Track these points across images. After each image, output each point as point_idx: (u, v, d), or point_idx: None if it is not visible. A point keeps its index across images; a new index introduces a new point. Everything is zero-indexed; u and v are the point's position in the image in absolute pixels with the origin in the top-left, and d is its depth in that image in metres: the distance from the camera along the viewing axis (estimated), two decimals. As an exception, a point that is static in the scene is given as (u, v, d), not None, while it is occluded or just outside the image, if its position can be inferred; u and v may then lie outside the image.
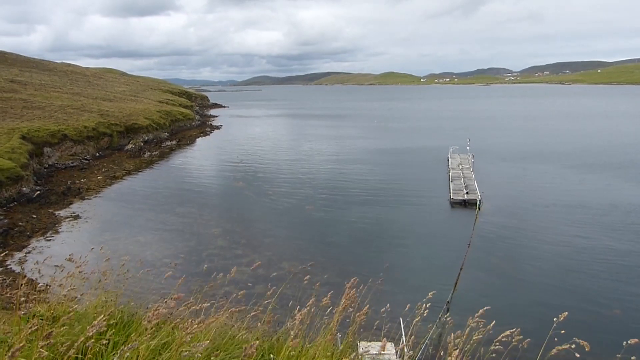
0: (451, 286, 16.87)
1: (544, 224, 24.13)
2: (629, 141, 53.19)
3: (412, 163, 41.59)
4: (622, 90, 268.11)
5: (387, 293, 15.73)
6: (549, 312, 15.94)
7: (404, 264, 19.44)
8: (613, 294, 16.39)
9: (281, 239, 22.55)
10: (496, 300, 15.99)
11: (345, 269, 18.01)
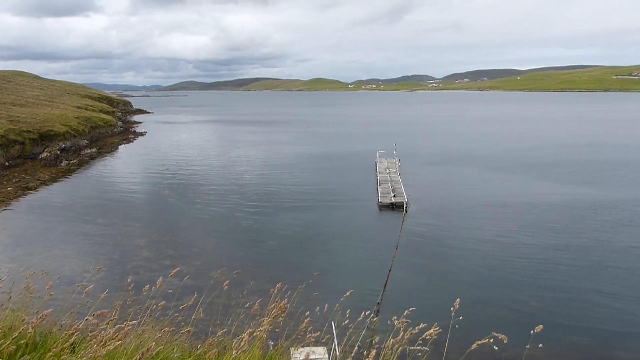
0: (381, 288, 17.20)
1: (468, 224, 25.24)
2: (543, 144, 57.04)
3: (342, 168, 42.18)
4: (533, 96, 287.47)
5: (319, 297, 15.71)
6: (474, 308, 16.71)
7: (335, 268, 19.59)
8: (530, 287, 17.38)
9: (210, 247, 22.05)
10: (424, 299, 16.47)
11: (276, 275, 17.87)
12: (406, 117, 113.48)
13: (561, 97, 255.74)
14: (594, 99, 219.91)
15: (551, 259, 19.95)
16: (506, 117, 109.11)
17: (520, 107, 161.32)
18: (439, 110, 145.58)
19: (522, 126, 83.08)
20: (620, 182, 34.88)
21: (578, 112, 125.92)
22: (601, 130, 74.82)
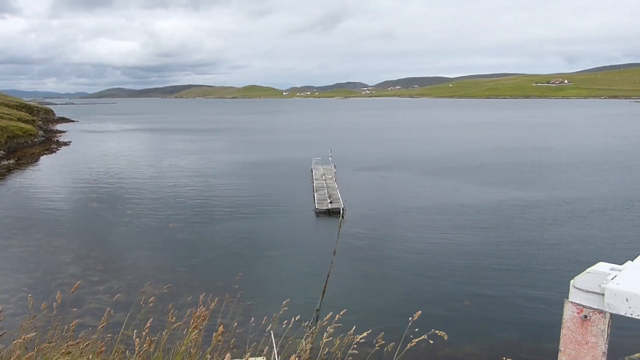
0: (320, 294, 17.17)
1: (403, 227, 25.80)
2: (472, 148, 59.56)
3: (278, 175, 41.98)
4: (462, 102, 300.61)
5: (257, 306, 15.48)
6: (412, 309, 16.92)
7: (273, 276, 19.39)
8: (464, 286, 17.97)
9: (142, 260, 21.14)
10: (363, 303, 16.57)
11: (212, 286, 17.38)
12: (341, 123, 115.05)
13: (487, 104, 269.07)
14: (517, 105, 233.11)
15: (483, 258, 20.74)
16: (437, 123, 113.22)
17: (450, 113, 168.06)
18: (373, 116, 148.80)
19: (452, 132, 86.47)
20: (543, 183, 36.98)
21: (503, 117, 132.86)
22: (524, 134, 79.29)
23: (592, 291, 1.57)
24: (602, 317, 1.54)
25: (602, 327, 1.55)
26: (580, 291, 1.62)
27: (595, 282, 1.57)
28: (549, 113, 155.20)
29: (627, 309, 1.44)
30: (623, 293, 1.45)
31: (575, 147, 59.45)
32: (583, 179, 38.12)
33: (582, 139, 70.32)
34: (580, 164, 45.91)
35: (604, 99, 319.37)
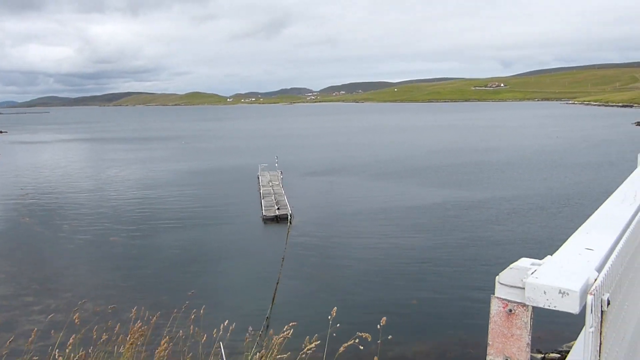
0: (269, 302, 17.05)
1: (351, 231, 26.06)
2: (417, 151, 61.11)
3: (224, 183, 41.42)
4: (405, 106, 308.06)
5: (205, 318, 15.16)
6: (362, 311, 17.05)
7: (222, 286, 19.09)
8: (412, 286, 18.34)
9: (82, 277, 20.25)
10: (313, 309, 16.56)
11: (158, 300, 16.91)
12: (287, 129, 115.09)
13: (429, 107, 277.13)
14: (457, 108, 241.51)
15: (430, 258, 21.25)
16: (382, 127, 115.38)
17: (394, 117, 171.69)
18: (319, 122, 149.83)
19: (397, 135, 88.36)
20: (485, 183, 38.39)
21: (445, 120, 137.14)
22: (466, 136, 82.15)
23: (515, 286, 1.63)
24: (525, 310, 1.60)
25: (526, 320, 1.61)
26: (505, 286, 1.67)
27: (517, 277, 1.63)
28: (487, 115, 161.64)
29: (545, 301, 1.50)
30: (541, 286, 1.50)
31: (513, 147, 62.14)
32: (522, 178, 39.86)
33: (519, 139, 73.62)
34: (519, 163, 48.03)
35: (537, 101, 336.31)
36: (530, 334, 1.62)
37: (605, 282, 1.62)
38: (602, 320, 1.60)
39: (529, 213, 28.26)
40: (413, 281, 18.81)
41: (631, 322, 2.32)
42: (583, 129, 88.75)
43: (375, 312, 17.32)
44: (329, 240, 24.63)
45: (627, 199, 2.64)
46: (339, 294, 17.92)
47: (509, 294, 1.62)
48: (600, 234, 2.01)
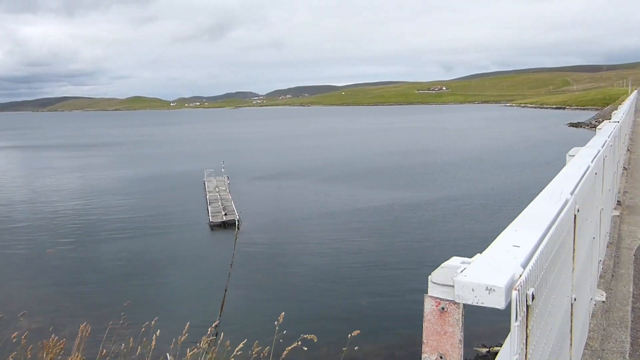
0: (218, 310, 16.76)
1: (301, 235, 26.06)
2: (364, 153, 61.88)
3: (169, 189, 40.39)
4: (351, 110, 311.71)
5: (152, 329, 14.76)
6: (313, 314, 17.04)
7: (168, 295, 18.62)
8: (362, 287, 18.54)
9: (16, 292, 19.16)
10: (263, 314, 16.42)
11: (99, 313, 16.25)
12: (233, 134, 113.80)
13: (375, 110, 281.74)
14: (402, 111, 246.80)
15: (377, 260, 21.54)
16: (329, 130, 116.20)
17: (341, 120, 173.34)
18: (266, 126, 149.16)
19: (344, 138, 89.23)
20: (430, 183, 39.38)
21: (391, 123, 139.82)
22: (411, 138, 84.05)
23: (446, 284, 1.67)
24: (456, 308, 1.64)
25: (457, 317, 1.65)
26: (437, 285, 1.71)
27: (448, 276, 1.67)
28: (431, 118, 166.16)
29: (473, 298, 1.54)
30: (469, 284, 1.54)
31: (456, 149, 64.15)
32: (465, 179, 41.16)
33: (462, 141, 76.09)
34: (462, 164, 49.61)
35: (477, 103, 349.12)
36: (463, 331, 1.67)
37: (530, 278, 1.70)
38: (527, 314, 1.67)
39: (470, 212, 29.22)
40: (360, 284, 19.01)
41: (558, 315, 2.43)
42: (521, 130, 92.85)
43: (324, 316, 17.50)
44: (277, 245, 24.53)
45: (554, 196, 2.78)
46: (288, 298, 17.88)
47: (441, 292, 1.67)
48: (527, 231, 2.10)
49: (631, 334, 5.02)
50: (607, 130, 7.28)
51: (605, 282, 6.23)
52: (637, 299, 5.98)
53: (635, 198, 11.45)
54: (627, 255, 7.52)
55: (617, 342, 4.81)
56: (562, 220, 2.41)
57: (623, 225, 9.16)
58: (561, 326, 2.55)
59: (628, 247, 7.95)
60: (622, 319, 5.32)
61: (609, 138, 6.39)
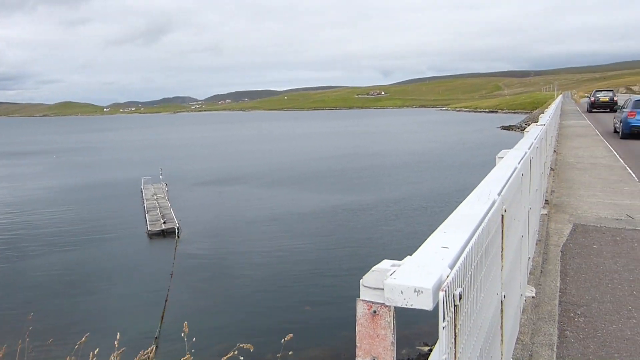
0: (158, 321, 16.29)
1: (244, 241, 25.71)
2: (307, 157, 61.99)
3: (103, 199, 38.79)
4: (292, 114, 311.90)
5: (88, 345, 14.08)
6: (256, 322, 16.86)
7: (106, 309, 17.87)
8: (303, 292, 18.53)
9: None
10: (205, 324, 16.09)
11: (33, 330, 15.33)
12: (172, 139, 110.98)
13: (316, 115, 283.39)
14: (342, 115, 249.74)
15: (317, 265, 21.60)
16: (272, 135, 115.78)
17: (283, 125, 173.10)
18: (206, 131, 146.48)
19: (287, 143, 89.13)
20: (372, 186, 39.98)
21: (332, 127, 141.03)
22: (352, 142, 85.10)
23: (377, 288, 1.67)
24: (387, 311, 1.65)
25: (389, 320, 1.66)
26: (368, 289, 1.71)
27: (379, 279, 1.67)
28: (371, 122, 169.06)
29: (402, 300, 1.55)
30: (398, 286, 1.55)
31: (396, 152, 65.58)
32: (405, 181, 42.10)
33: (401, 144, 77.93)
34: (402, 167, 50.75)
35: (415, 108, 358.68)
36: (395, 333, 1.68)
37: (457, 278, 1.73)
38: (455, 314, 1.70)
39: (408, 215, 29.87)
40: (300, 289, 18.98)
41: (488, 313, 2.51)
42: (457, 133, 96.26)
43: (265, 324, 17.35)
44: (219, 252, 24.09)
45: (482, 198, 2.88)
46: (231, 308, 17.63)
47: (373, 295, 1.67)
48: (456, 232, 2.15)
49: (558, 327, 5.29)
50: (533, 133, 7.66)
51: (535, 278, 6.53)
52: (563, 293, 6.32)
53: (561, 197, 12.12)
54: (554, 252, 7.93)
55: (546, 335, 5.05)
56: (489, 220, 2.50)
57: (551, 223, 9.67)
58: (491, 323, 2.63)
59: (555, 244, 8.39)
60: (550, 313, 5.60)
61: (535, 140, 6.73)
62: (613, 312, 5.76)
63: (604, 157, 19.32)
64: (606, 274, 7.03)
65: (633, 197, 12.02)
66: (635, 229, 9.23)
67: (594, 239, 8.66)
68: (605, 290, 6.42)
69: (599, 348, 4.91)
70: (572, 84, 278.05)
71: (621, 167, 16.62)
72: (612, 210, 10.71)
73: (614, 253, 7.91)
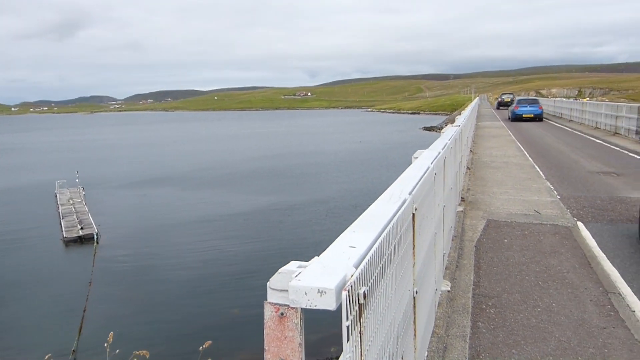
0: (76, 332, 15.48)
1: (167, 245, 24.90)
2: (235, 158, 61.04)
3: (13, 205, 36.12)
4: (217, 115, 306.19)
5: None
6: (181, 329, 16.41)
7: (19, 322, 16.72)
8: (236, 295, 18.26)
9: None
10: (126, 333, 15.45)
11: None
12: (88, 141, 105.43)
13: (242, 115, 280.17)
14: (269, 116, 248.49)
15: (237, 268, 21.33)
16: (198, 136, 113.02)
17: (209, 125, 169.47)
18: (126, 132, 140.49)
19: (214, 144, 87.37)
20: (299, 187, 40.08)
21: (259, 127, 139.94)
22: (280, 142, 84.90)
23: (283, 289, 1.67)
24: (295, 312, 1.65)
25: (296, 321, 1.66)
26: (275, 291, 1.70)
27: (285, 281, 1.67)
28: (297, 122, 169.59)
29: (307, 301, 1.55)
30: (302, 288, 1.56)
31: (323, 152, 66.19)
32: (331, 181, 42.59)
33: (329, 144, 78.76)
34: (328, 167, 51.30)
35: (341, 109, 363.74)
36: (303, 334, 1.69)
37: (362, 277, 1.77)
38: (360, 312, 1.73)
39: (329, 215, 30.26)
40: (220, 294, 18.66)
41: (399, 309, 2.58)
42: (382, 134, 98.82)
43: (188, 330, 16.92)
44: (142, 258, 23.19)
45: (394, 197, 2.95)
46: (151, 315, 17.07)
47: (280, 298, 1.67)
48: (364, 232, 2.19)
49: (471, 319, 5.56)
50: (448, 134, 8.00)
51: (451, 272, 6.83)
52: (477, 286, 6.66)
53: (476, 194, 12.77)
54: (469, 247, 8.34)
55: (460, 327, 5.29)
56: (399, 219, 2.57)
57: (466, 219, 10.17)
58: (403, 319, 2.71)
59: (470, 239, 8.83)
60: (464, 305, 5.88)
61: (450, 141, 7.03)
62: (521, 302, 6.15)
63: (515, 156, 20.60)
64: (515, 266, 7.50)
65: (540, 193, 12.90)
66: (541, 223, 9.91)
67: (505, 234, 9.20)
68: (514, 282, 6.84)
69: (507, 336, 5.22)
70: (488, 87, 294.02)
71: (530, 166, 17.80)
72: (522, 206, 11.43)
73: (522, 246, 8.45)
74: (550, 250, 8.22)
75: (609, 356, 4.86)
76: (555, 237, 8.99)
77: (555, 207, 11.26)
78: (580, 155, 20.69)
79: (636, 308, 5.97)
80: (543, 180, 14.78)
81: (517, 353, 4.89)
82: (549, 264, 7.58)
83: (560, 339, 5.18)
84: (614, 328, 5.44)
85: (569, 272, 7.19)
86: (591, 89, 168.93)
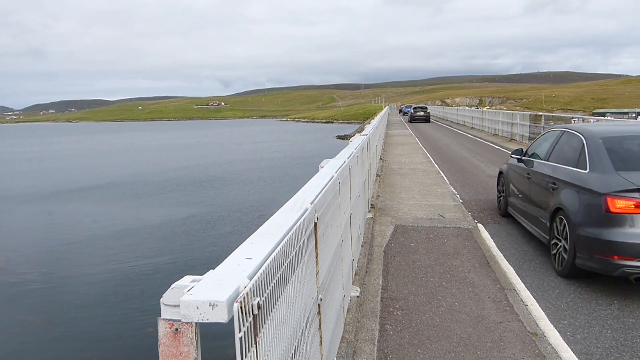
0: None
1: (73, 262, 23.27)
2: (145, 171, 58.41)
3: None
4: (126, 126, 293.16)
5: None
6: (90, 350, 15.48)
7: None
8: (133, 313, 17.44)
9: None
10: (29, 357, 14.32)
11: None
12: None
13: (153, 126, 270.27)
14: (181, 126, 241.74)
15: (150, 283, 20.50)
16: (105, 148, 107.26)
17: (117, 137, 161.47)
18: (24, 145, 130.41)
19: (123, 156, 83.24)
20: (210, 199, 39.18)
21: (170, 139, 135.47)
22: (191, 154, 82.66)
23: (176, 305, 1.65)
24: (190, 327, 1.64)
25: (191, 336, 1.65)
26: (169, 307, 1.69)
27: (177, 296, 1.66)
28: (211, 132, 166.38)
29: (199, 315, 1.56)
30: (194, 302, 1.56)
31: (237, 162, 65.34)
32: (245, 192, 42.06)
33: (243, 154, 77.93)
34: (240, 177, 50.67)
35: (255, 118, 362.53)
36: (199, 349, 1.68)
37: (256, 288, 1.80)
38: (254, 324, 1.76)
39: (245, 226, 29.90)
40: (122, 312, 17.89)
41: (301, 318, 2.64)
42: (297, 143, 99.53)
43: (83, 353, 16.01)
44: (46, 277, 21.43)
45: (296, 207, 3.02)
46: (63, 335, 15.93)
47: (173, 313, 1.66)
48: (262, 243, 2.23)
49: (380, 322, 5.76)
50: (355, 143, 8.26)
51: (360, 278, 7.04)
52: (385, 290, 6.91)
53: (385, 201, 13.25)
54: (378, 252, 8.64)
55: (369, 331, 5.47)
56: (299, 228, 2.63)
57: (375, 225, 10.52)
58: (306, 327, 2.77)
59: (379, 244, 9.14)
60: (372, 309, 6.08)
61: (356, 150, 7.27)
62: (426, 302, 6.47)
63: (422, 162, 21.64)
64: (421, 268, 7.87)
65: (444, 198, 13.65)
66: (445, 227, 10.48)
67: (411, 238, 9.63)
68: (420, 284, 7.18)
69: (413, 337, 5.47)
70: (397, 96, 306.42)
71: (436, 172, 18.77)
72: (427, 210, 12.03)
73: (427, 249, 8.89)
74: (453, 252, 8.71)
75: (504, 348, 5.24)
76: (458, 239, 9.55)
77: (458, 211, 11.96)
78: (480, 161, 22.15)
79: (529, 302, 6.50)
80: (447, 185, 15.64)
81: (422, 352, 5.13)
82: (452, 265, 8.03)
83: (462, 335, 5.51)
84: (509, 322, 5.87)
85: (469, 272, 7.67)
86: (491, 98, 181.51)
